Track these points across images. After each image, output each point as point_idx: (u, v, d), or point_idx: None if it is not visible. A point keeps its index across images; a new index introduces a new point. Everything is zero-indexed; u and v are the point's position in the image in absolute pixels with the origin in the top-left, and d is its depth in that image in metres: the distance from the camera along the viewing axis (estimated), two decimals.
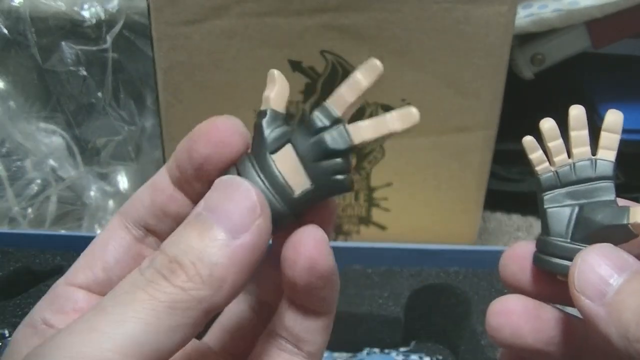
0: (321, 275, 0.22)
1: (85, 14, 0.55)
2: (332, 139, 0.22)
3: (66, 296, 0.23)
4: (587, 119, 0.25)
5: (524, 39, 0.61)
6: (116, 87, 0.58)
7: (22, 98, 0.58)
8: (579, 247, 0.24)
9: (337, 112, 0.22)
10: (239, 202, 0.21)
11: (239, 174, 0.22)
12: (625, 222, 0.23)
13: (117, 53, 0.56)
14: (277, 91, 0.23)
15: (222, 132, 0.23)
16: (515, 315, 0.25)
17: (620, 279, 0.21)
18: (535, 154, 0.25)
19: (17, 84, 0.58)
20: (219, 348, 0.27)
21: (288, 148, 0.23)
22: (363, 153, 0.49)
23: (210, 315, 0.20)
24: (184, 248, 0.20)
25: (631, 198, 0.25)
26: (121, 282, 0.20)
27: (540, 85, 0.65)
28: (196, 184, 0.23)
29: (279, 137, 0.23)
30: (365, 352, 0.44)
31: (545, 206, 0.25)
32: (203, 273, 0.20)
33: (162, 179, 0.24)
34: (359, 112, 0.47)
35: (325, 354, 0.43)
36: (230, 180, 0.21)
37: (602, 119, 0.25)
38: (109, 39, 0.55)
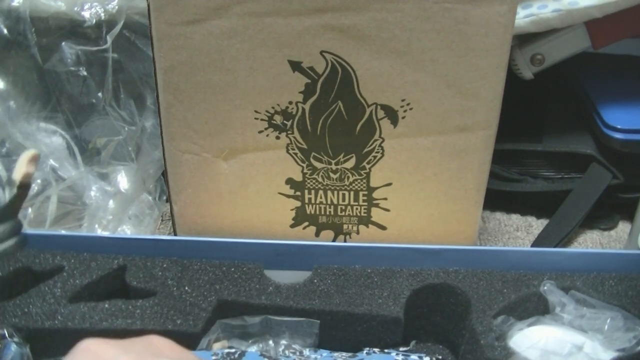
0: None
1: (85, 14, 0.55)
2: None
3: None
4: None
5: (524, 39, 0.61)
6: (116, 87, 0.58)
7: (22, 98, 0.58)
8: None
9: None
10: None
11: None
12: None
13: (117, 53, 0.56)
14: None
15: None
16: None
17: None
18: None
19: (17, 84, 0.58)
20: None
21: None
22: (363, 153, 0.49)
23: None
24: None
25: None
26: None
27: (540, 85, 0.65)
28: None
29: None
30: (365, 352, 0.44)
31: None
32: None
33: None
34: (359, 113, 0.47)
35: (325, 354, 0.43)
36: None
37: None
38: (109, 39, 0.55)
